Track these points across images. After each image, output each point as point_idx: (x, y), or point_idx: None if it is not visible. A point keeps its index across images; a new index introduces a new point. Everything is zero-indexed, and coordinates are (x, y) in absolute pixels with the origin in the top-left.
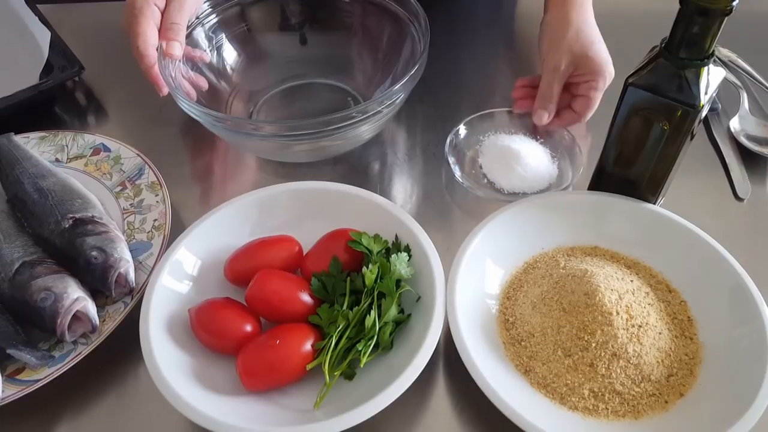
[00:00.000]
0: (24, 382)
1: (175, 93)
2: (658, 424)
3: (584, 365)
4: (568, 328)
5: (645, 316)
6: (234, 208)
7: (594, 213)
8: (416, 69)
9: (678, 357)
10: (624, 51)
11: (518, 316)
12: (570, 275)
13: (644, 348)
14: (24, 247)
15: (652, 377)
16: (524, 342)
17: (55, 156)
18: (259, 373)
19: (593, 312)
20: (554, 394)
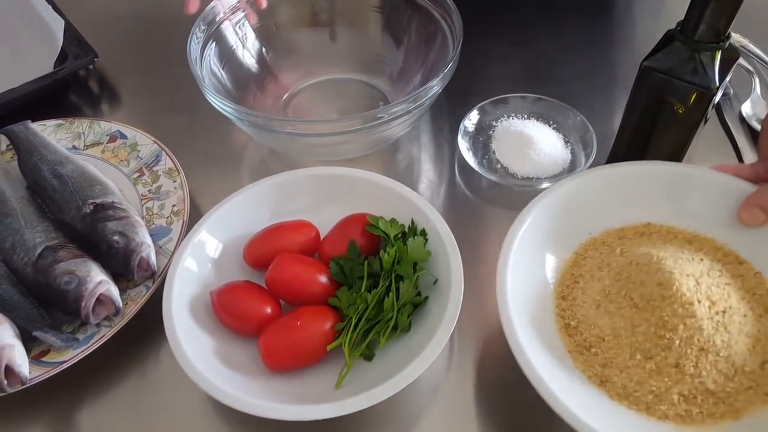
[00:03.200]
0: (49, 363)
1: (205, 88)
2: (761, 420)
3: (669, 367)
4: (644, 326)
5: (726, 298)
6: (253, 193)
7: (640, 186)
8: (449, 68)
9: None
10: (639, 35)
11: (581, 318)
12: (633, 263)
13: (732, 336)
14: (46, 232)
15: (746, 368)
16: (594, 348)
17: (72, 143)
18: (281, 353)
19: (672, 304)
20: (639, 404)
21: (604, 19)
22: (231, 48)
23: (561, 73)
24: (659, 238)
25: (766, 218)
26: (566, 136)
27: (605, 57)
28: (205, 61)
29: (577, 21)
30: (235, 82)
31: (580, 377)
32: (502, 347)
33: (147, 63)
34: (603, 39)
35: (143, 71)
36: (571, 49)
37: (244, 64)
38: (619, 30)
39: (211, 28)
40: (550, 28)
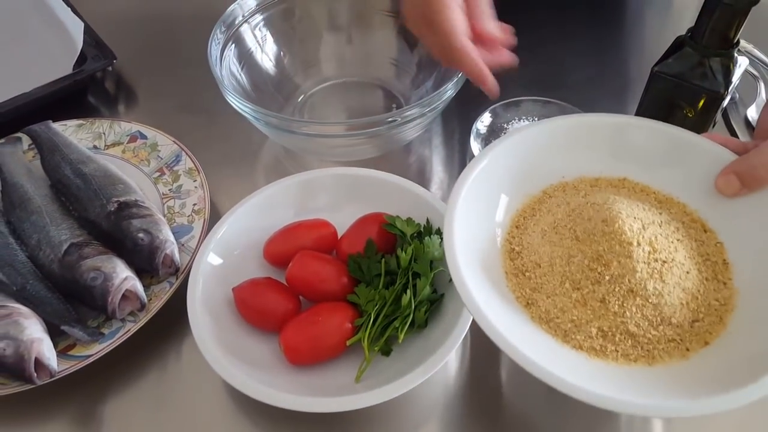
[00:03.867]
0: (76, 357)
1: (224, 89)
2: (673, 373)
3: (594, 300)
4: (579, 257)
5: (672, 251)
6: (272, 192)
7: (625, 140)
8: (462, 73)
9: (707, 301)
10: (648, 40)
11: (525, 245)
12: (589, 203)
13: (667, 287)
14: (70, 229)
15: (674, 320)
16: (529, 273)
17: (93, 143)
18: (302, 348)
19: (610, 241)
20: (557, 330)
21: (614, 25)
22: (249, 50)
23: (571, 77)
24: (630, 193)
25: (740, 187)
26: None
27: (614, 61)
28: (224, 62)
29: (586, 26)
30: (252, 83)
31: (508, 297)
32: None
33: (163, 64)
34: (612, 44)
35: (160, 72)
36: (581, 53)
37: (262, 66)
38: (629, 35)
39: (231, 30)
40: (559, 33)
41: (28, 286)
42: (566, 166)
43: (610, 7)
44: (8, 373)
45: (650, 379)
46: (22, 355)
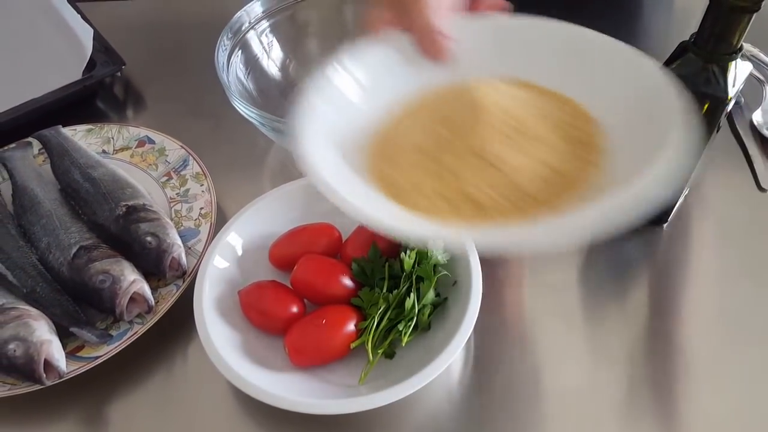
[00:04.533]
0: (84, 358)
1: (231, 94)
2: (513, 229)
3: (435, 163)
4: (426, 121)
5: (532, 125)
6: (278, 196)
7: (520, 40)
8: None
9: (571, 164)
10: (652, 46)
11: (390, 129)
12: (456, 87)
13: (519, 158)
14: (80, 232)
15: (530, 188)
16: (388, 150)
17: (101, 147)
18: (306, 350)
19: (461, 103)
20: (390, 188)
21: (616, 29)
22: (255, 56)
23: None
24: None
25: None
26: None
27: None
28: (231, 68)
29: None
30: (259, 89)
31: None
32: (520, 346)
33: (171, 70)
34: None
35: (168, 78)
36: None
37: (268, 72)
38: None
39: (237, 36)
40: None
41: (38, 288)
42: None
43: (612, 11)
44: (18, 373)
45: (487, 232)
46: (31, 356)
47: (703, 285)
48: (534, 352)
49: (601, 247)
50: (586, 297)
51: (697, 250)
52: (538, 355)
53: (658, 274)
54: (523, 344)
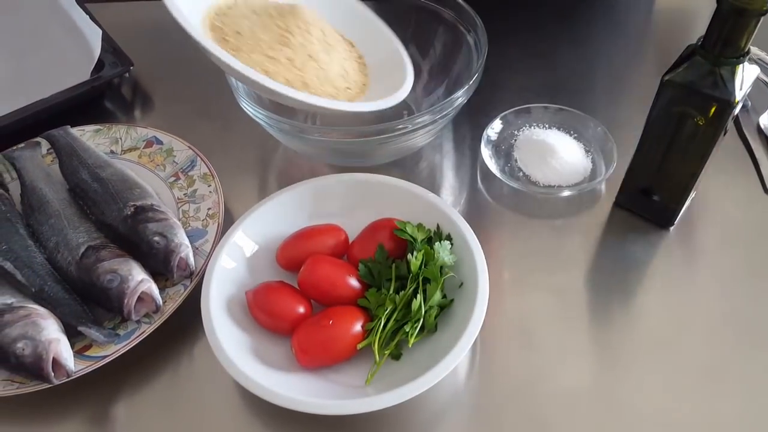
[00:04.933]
0: (92, 357)
1: (239, 95)
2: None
3: (284, 58)
4: (274, 29)
5: (337, 42)
6: (285, 198)
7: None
8: (474, 80)
9: (354, 79)
10: (659, 49)
11: (227, 22)
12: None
13: (332, 61)
14: (88, 232)
15: (336, 84)
16: (229, 38)
17: (110, 148)
18: (313, 350)
19: (297, 20)
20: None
21: (623, 32)
22: None
23: (580, 85)
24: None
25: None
26: (587, 145)
27: (624, 69)
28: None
29: (595, 34)
30: None
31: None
32: (526, 348)
33: (179, 71)
34: (622, 51)
35: (175, 79)
36: (590, 61)
37: None
38: (638, 43)
39: None
40: (569, 41)
41: (46, 287)
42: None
43: (620, 14)
44: (26, 372)
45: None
46: (40, 355)
47: (709, 288)
48: (539, 354)
49: (607, 249)
50: (591, 299)
51: (703, 252)
52: (543, 357)
53: (664, 276)
54: (528, 346)
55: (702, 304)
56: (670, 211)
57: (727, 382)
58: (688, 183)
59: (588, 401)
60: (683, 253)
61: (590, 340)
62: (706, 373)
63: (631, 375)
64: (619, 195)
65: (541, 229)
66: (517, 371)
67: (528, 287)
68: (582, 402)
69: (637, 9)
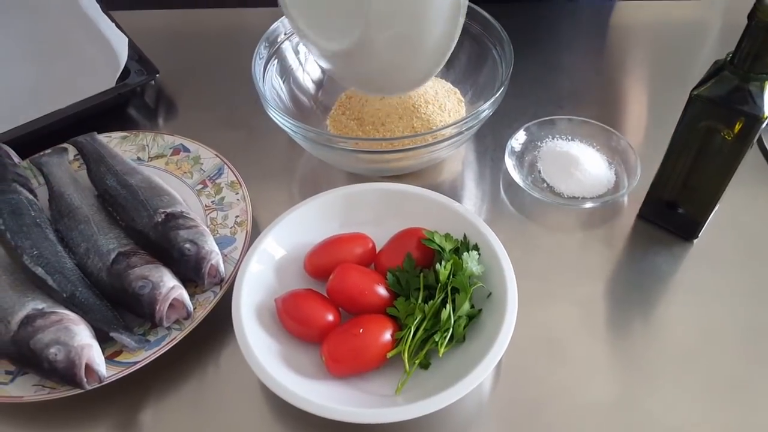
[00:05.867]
0: (122, 363)
1: (267, 104)
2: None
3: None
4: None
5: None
6: (313, 205)
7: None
8: (500, 93)
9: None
10: (688, 64)
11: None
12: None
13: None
14: (118, 238)
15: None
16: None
17: (136, 155)
18: (343, 359)
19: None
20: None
21: (643, 45)
22: (290, 67)
23: (599, 97)
24: None
25: None
26: (609, 157)
27: (645, 82)
28: (267, 78)
29: (615, 46)
30: (292, 98)
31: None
32: (550, 360)
33: (203, 80)
34: (642, 64)
35: (199, 87)
36: (610, 73)
37: (301, 82)
38: (658, 55)
39: (273, 47)
40: (587, 53)
41: (77, 293)
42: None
43: (640, 27)
44: (58, 377)
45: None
46: (73, 361)
47: (734, 299)
48: (565, 365)
49: (632, 260)
50: (616, 311)
51: (727, 264)
52: (569, 369)
53: (689, 288)
54: (553, 357)
55: (727, 316)
56: (694, 224)
57: (754, 396)
58: (713, 196)
59: (615, 414)
60: (707, 265)
61: (616, 352)
62: (733, 387)
63: (658, 388)
64: (643, 207)
65: (564, 240)
66: (543, 382)
67: (552, 298)
68: (609, 415)
69: (657, 22)
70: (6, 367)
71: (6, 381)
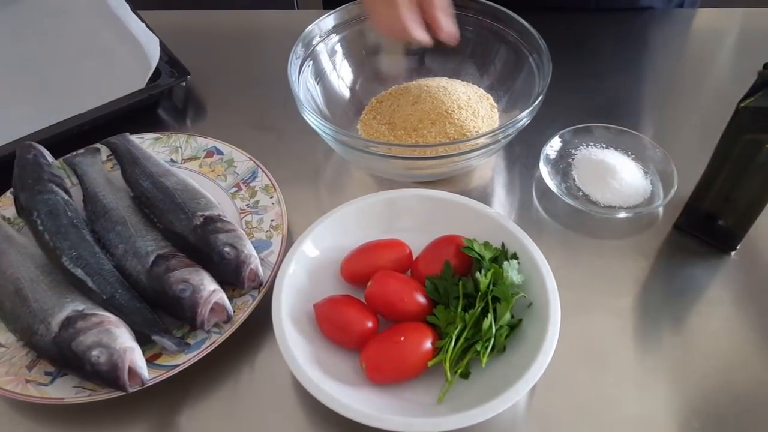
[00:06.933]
0: (162, 366)
1: (302, 106)
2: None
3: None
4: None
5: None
6: (349, 210)
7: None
8: (538, 101)
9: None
10: (727, 74)
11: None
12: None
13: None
14: (155, 241)
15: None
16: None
17: (170, 156)
18: (384, 367)
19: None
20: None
21: (679, 54)
22: (323, 69)
23: (632, 106)
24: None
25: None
26: (645, 167)
27: (678, 89)
28: (301, 80)
29: (650, 54)
30: (327, 100)
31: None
32: (589, 370)
33: (232, 82)
34: (675, 72)
35: (228, 89)
36: (644, 81)
37: (335, 85)
38: (697, 66)
39: (308, 49)
40: (621, 60)
41: (117, 294)
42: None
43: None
44: (101, 380)
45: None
46: (115, 363)
47: None
48: (604, 377)
49: (669, 271)
50: (652, 322)
51: (764, 278)
52: (608, 380)
53: (728, 300)
54: (592, 369)
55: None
56: (734, 236)
57: None
58: (756, 209)
59: (657, 428)
60: (745, 277)
61: (656, 364)
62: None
63: (701, 401)
64: (680, 218)
65: (599, 249)
66: (581, 394)
67: (590, 308)
68: (651, 429)
69: (692, 29)
70: (45, 368)
71: (46, 382)
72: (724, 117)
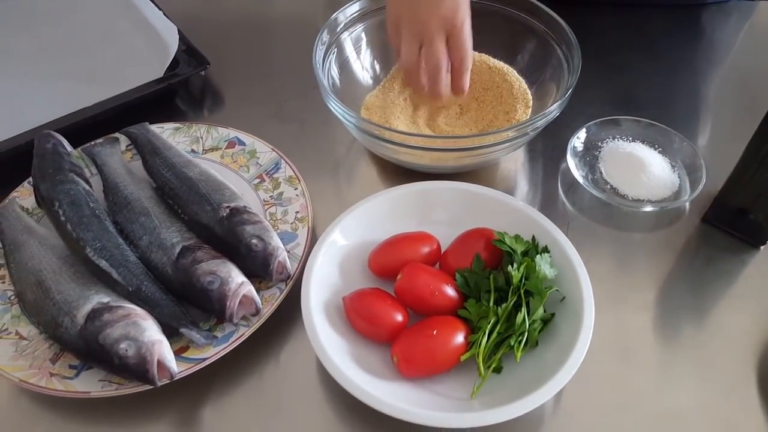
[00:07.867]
0: (190, 359)
1: (327, 95)
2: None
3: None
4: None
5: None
6: (376, 203)
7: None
8: (568, 94)
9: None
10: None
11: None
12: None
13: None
14: (180, 232)
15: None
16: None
17: (190, 147)
18: (416, 360)
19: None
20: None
21: (704, 46)
22: (347, 58)
23: (657, 99)
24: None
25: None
26: (672, 161)
27: (707, 83)
28: (326, 68)
29: (675, 47)
30: (347, 90)
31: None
32: (620, 365)
33: (251, 71)
34: (700, 63)
35: (247, 79)
36: (669, 74)
37: (357, 75)
38: (721, 57)
39: (333, 36)
40: (646, 53)
41: (143, 287)
42: None
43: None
44: (129, 373)
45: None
46: (144, 357)
47: None
48: (637, 371)
49: (699, 265)
50: (682, 316)
51: None
52: (641, 375)
53: (759, 293)
54: (624, 363)
55: None
56: (765, 230)
57: None
58: None
59: (692, 423)
60: None
61: (687, 357)
62: None
63: (734, 395)
64: (709, 211)
65: (627, 242)
66: (613, 389)
67: (617, 302)
68: (686, 424)
69: (719, 21)
70: (70, 361)
71: (71, 375)
72: (752, 111)
